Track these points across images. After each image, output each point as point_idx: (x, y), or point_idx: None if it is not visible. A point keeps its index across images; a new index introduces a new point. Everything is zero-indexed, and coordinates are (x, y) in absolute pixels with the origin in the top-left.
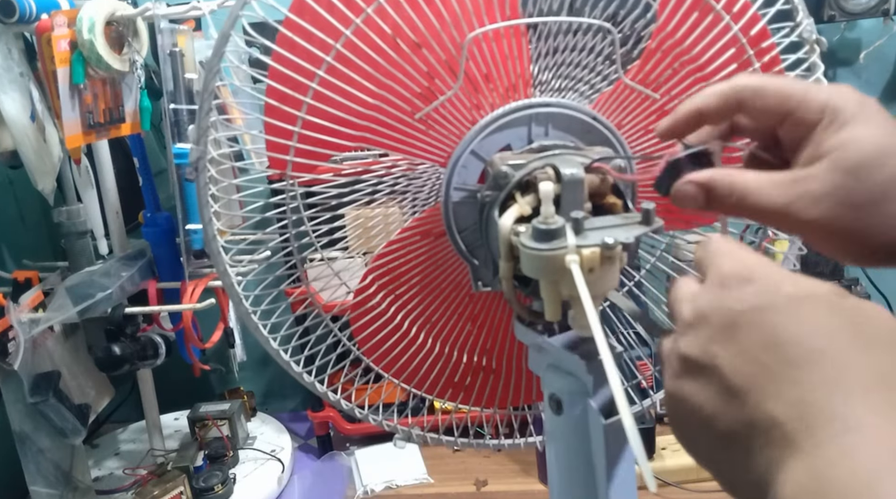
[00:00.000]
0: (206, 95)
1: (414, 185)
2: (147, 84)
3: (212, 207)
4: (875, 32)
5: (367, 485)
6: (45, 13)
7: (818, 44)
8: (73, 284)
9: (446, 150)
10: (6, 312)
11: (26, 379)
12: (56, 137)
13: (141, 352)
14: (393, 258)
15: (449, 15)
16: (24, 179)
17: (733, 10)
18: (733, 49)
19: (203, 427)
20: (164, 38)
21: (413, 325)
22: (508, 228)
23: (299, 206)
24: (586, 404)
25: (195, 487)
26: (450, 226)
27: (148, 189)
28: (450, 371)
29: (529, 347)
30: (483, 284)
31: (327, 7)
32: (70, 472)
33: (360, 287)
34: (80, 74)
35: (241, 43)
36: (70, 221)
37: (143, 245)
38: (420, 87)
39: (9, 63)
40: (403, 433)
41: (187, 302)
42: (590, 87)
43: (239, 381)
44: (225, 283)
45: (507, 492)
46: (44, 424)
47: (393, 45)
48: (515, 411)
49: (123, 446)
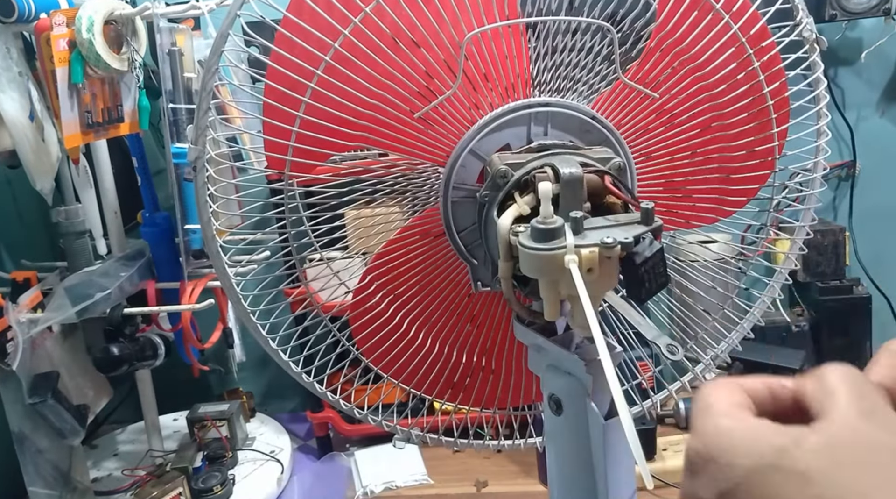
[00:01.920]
0: (205, 95)
1: (413, 184)
2: (146, 83)
3: (210, 207)
4: (876, 32)
5: (366, 486)
6: (44, 12)
7: (818, 43)
8: (71, 285)
9: (445, 149)
10: (5, 313)
11: (25, 380)
12: (55, 137)
13: (140, 352)
14: (392, 258)
15: (447, 14)
16: (22, 178)
17: (733, 9)
18: (733, 48)
19: (202, 428)
20: (163, 38)
21: (412, 325)
22: (507, 228)
23: (298, 206)
24: (586, 405)
25: (194, 488)
26: (449, 226)
27: (146, 189)
28: (449, 371)
29: (529, 347)
30: (482, 284)
31: (326, 7)
32: (69, 473)
33: (359, 287)
34: (79, 74)
35: (240, 42)
36: (68, 221)
37: (141, 245)
38: (419, 87)
39: (7, 62)
40: (403, 434)
41: (186, 302)
42: (589, 88)
43: (238, 381)
44: (224, 283)
45: (508, 493)
46: (42, 424)
47: (391, 44)
48: (515, 411)
49: (122, 447)
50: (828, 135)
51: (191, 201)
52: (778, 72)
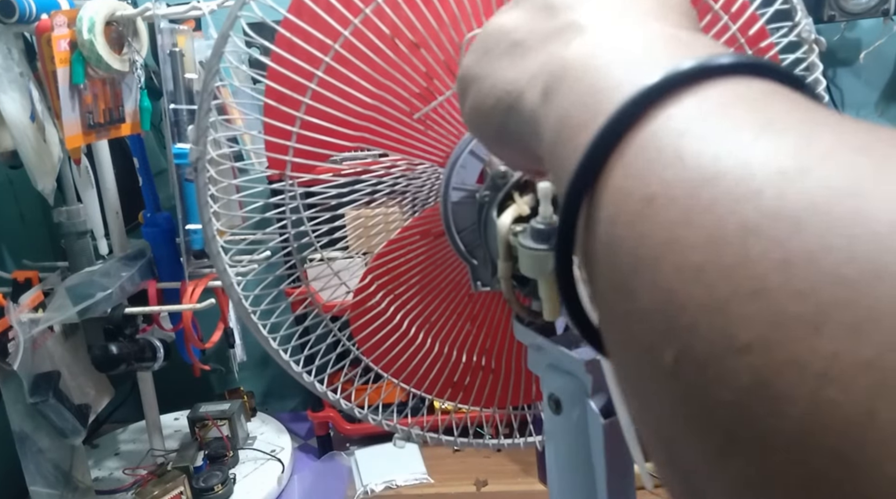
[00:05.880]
0: (206, 96)
1: (413, 185)
2: (147, 84)
3: (211, 208)
4: (875, 32)
5: (366, 485)
6: (45, 13)
7: (817, 44)
8: (72, 285)
9: (445, 150)
10: (6, 313)
11: (26, 379)
12: (56, 138)
13: (139, 353)
14: (392, 258)
15: (447, 15)
16: (24, 179)
17: (731, 10)
18: (731, 49)
19: (203, 427)
20: (164, 39)
21: (412, 324)
22: (507, 228)
23: (299, 206)
24: (586, 404)
25: (195, 487)
26: (449, 226)
27: (148, 189)
28: (449, 371)
29: (529, 346)
30: (482, 284)
31: (326, 8)
32: (70, 472)
33: (359, 287)
34: (80, 74)
35: (241, 43)
36: (70, 222)
37: (142, 245)
38: (418, 88)
39: (9, 63)
40: (403, 433)
41: (187, 302)
42: None
43: (239, 381)
44: (224, 283)
45: (508, 492)
46: (43, 424)
47: (391, 45)
48: (515, 410)
49: (123, 447)
50: None
51: (192, 202)
52: None
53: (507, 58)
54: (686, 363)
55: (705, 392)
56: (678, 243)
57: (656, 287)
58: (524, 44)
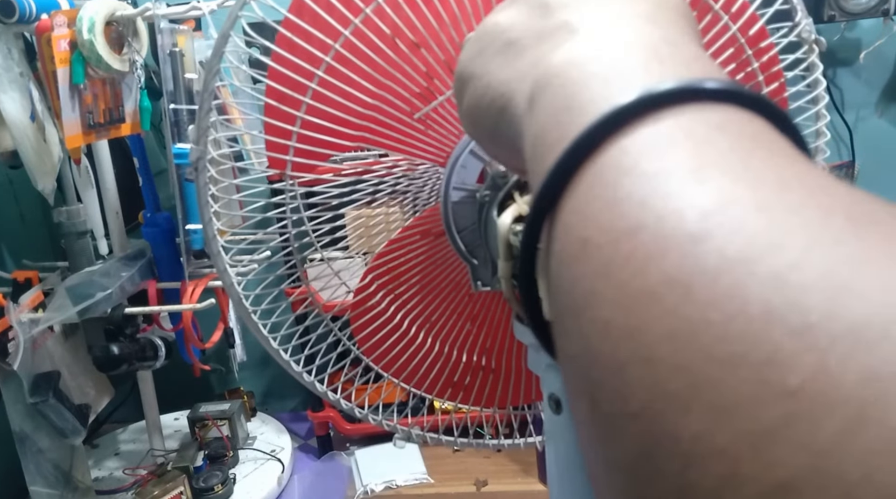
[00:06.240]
0: (206, 95)
1: (415, 185)
2: (147, 84)
3: (212, 207)
4: (875, 32)
5: (367, 485)
6: (45, 13)
7: (817, 44)
8: (72, 285)
9: (445, 149)
10: (6, 313)
11: (26, 379)
12: (56, 137)
13: (140, 352)
14: (393, 258)
15: (447, 15)
16: (24, 179)
17: (731, 10)
18: (732, 49)
19: (203, 427)
20: (164, 39)
21: (413, 324)
22: (507, 228)
23: (299, 206)
24: None
25: (195, 487)
26: (449, 226)
27: (148, 189)
28: (449, 371)
29: (528, 346)
30: (482, 284)
31: (326, 7)
32: (70, 472)
33: (359, 287)
34: (80, 74)
35: (241, 43)
36: (70, 221)
37: (143, 245)
38: (419, 87)
39: (9, 63)
40: (403, 433)
41: (187, 302)
42: None
43: (239, 381)
44: (225, 283)
45: (508, 492)
46: (44, 424)
47: (392, 45)
48: (515, 410)
49: (123, 447)
50: (827, 136)
51: (192, 201)
52: (777, 73)
53: (501, 57)
54: (596, 414)
55: (611, 446)
56: (596, 296)
57: (580, 335)
58: (518, 43)
